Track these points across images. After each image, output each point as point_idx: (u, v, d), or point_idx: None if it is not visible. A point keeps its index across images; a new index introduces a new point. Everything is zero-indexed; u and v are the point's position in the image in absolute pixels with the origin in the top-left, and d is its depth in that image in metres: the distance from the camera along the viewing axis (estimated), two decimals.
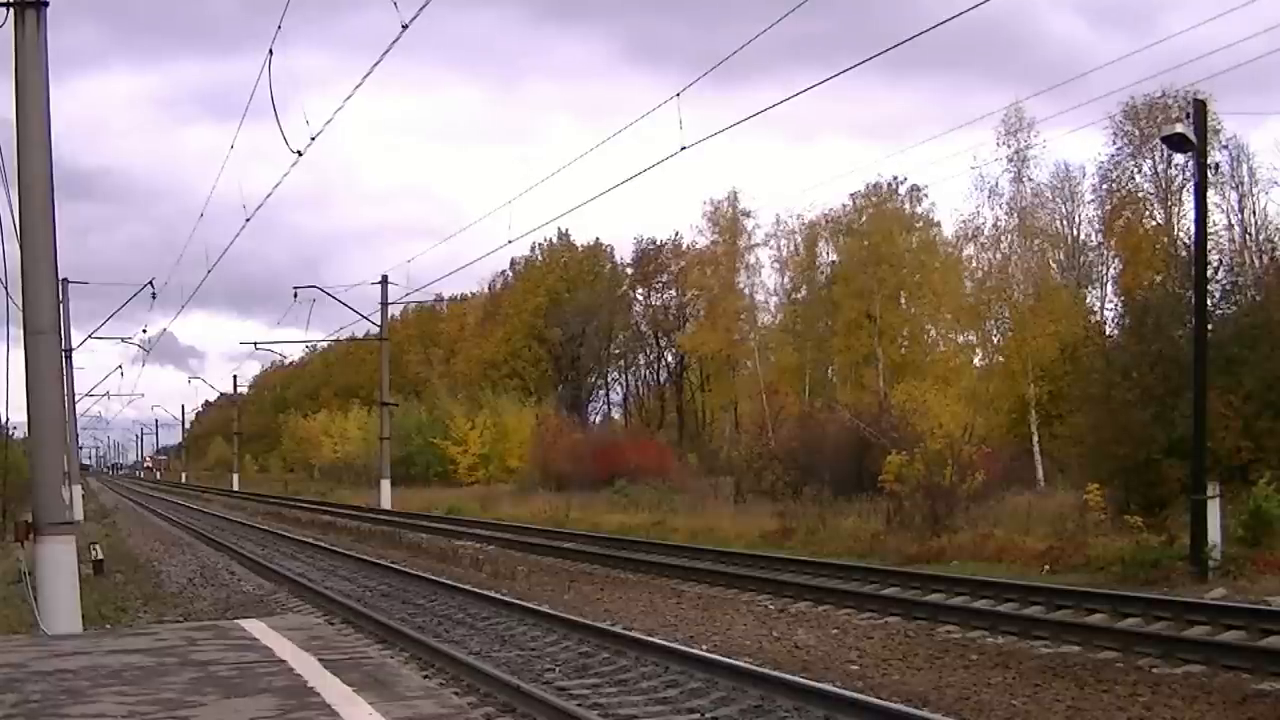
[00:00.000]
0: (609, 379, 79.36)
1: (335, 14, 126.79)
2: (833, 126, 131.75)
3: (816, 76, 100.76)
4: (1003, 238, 41.23)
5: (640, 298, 77.39)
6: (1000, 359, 42.26)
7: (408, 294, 65.54)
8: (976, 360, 45.93)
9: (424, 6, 13.21)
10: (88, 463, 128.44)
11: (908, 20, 65.92)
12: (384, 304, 50.06)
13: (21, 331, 12.19)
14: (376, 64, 16.65)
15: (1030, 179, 41.08)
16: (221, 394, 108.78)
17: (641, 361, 79.18)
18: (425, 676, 10.56)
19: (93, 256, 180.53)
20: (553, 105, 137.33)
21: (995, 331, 43.30)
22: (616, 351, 77.96)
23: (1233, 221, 41.02)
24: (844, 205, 49.99)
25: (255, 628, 7.37)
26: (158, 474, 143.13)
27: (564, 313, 72.96)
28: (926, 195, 48.06)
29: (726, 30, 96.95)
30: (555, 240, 75.79)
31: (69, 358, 39.66)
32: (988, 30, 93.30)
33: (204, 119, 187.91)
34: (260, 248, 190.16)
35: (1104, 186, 43.91)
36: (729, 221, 52.56)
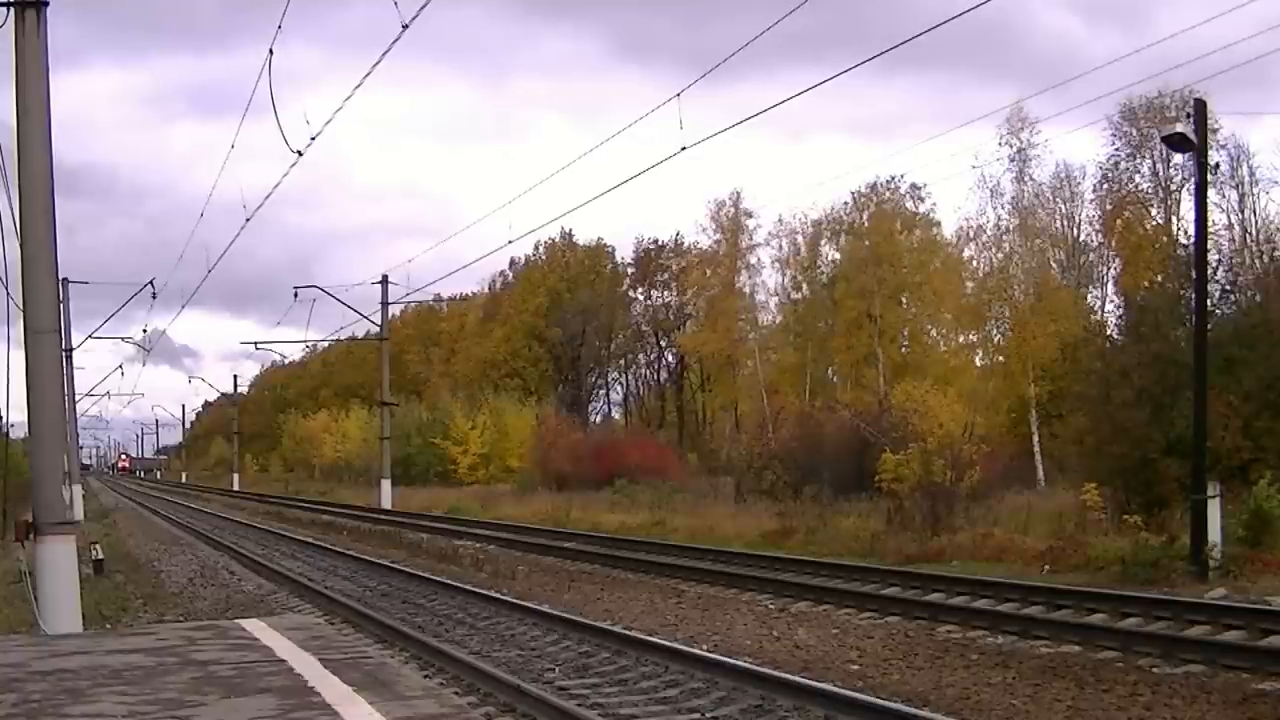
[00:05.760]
0: (609, 379, 79.46)
1: (327, 10, 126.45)
2: (825, 124, 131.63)
3: (808, 72, 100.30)
4: (1004, 237, 41.32)
5: (640, 297, 77.42)
6: (1000, 359, 42.30)
7: (408, 294, 65.56)
8: (977, 360, 46.02)
9: (424, 6, 13.20)
10: (88, 463, 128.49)
11: (901, 17, 65.86)
12: (384, 304, 50.08)
13: (21, 331, 12.18)
14: (376, 64, 16.63)
15: (1031, 179, 41.19)
16: (221, 394, 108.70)
17: (642, 361, 79.22)
18: (425, 676, 10.56)
19: (82, 254, 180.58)
20: (541, 102, 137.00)
21: (995, 331, 43.35)
22: (616, 351, 77.96)
23: (1233, 221, 41.10)
24: (844, 204, 50.10)
25: (255, 627, 7.37)
26: (158, 474, 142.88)
27: (564, 312, 72.91)
28: (927, 194, 48.20)
29: (715, 26, 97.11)
30: (558, 239, 75.96)
31: (69, 357, 39.68)
32: (982, 28, 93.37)
33: (190, 116, 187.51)
34: (253, 247, 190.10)
35: (1104, 186, 44.03)
36: (731, 221, 52.56)
